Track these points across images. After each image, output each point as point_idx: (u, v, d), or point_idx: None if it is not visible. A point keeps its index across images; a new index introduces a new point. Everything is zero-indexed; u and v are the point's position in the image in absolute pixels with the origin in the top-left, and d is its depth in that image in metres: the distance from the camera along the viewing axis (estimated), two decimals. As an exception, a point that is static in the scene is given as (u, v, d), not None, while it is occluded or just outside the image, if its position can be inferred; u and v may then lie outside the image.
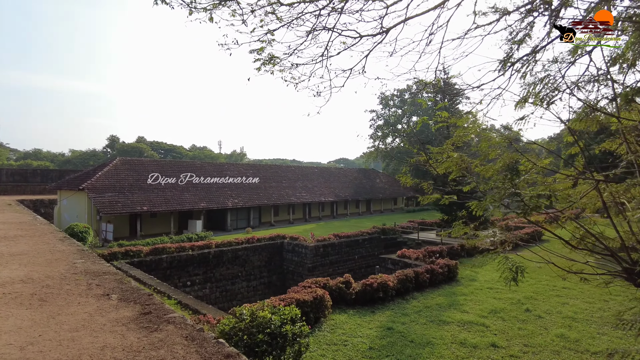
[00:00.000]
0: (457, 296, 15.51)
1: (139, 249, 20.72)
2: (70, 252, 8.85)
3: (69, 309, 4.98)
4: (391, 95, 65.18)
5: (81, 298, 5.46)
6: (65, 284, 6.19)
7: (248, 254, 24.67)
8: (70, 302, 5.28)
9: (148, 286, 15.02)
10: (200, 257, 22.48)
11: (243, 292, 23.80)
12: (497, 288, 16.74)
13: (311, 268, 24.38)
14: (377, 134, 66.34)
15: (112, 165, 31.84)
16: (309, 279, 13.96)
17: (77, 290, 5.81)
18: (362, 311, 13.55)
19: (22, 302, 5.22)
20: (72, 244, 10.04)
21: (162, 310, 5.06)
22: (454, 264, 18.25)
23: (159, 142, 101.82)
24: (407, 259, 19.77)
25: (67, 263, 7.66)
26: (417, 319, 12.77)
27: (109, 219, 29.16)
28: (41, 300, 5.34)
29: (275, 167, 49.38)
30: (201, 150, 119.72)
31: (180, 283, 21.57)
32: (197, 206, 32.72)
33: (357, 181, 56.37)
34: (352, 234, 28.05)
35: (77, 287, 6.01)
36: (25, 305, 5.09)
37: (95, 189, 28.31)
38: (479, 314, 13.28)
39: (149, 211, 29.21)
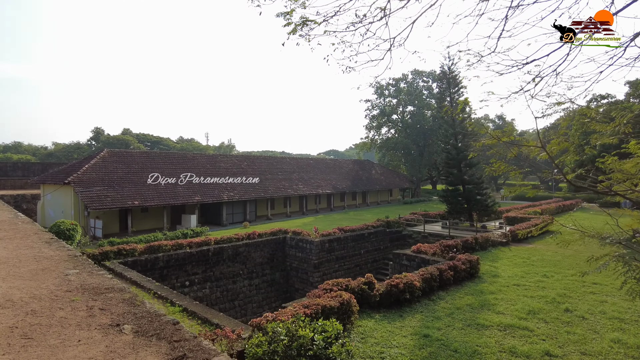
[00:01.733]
0: (485, 295, 14.33)
1: (132, 248, 19.04)
2: (60, 259, 7.26)
3: (66, 354, 3.46)
4: (386, 84, 63.69)
5: (82, 332, 3.95)
6: (58, 307, 4.65)
7: (249, 251, 23.16)
8: (66, 339, 3.76)
9: (147, 290, 13.47)
10: (198, 255, 20.91)
11: (245, 291, 22.32)
12: (524, 285, 15.63)
13: (317, 264, 23.02)
14: (373, 124, 64.91)
15: (100, 157, 29.82)
16: (329, 280, 12.57)
17: (74, 319, 4.29)
18: (388, 315, 12.25)
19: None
20: (61, 248, 8.42)
21: (200, 351, 3.56)
22: (476, 259, 17.06)
23: (145, 134, 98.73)
24: (423, 254, 18.51)
25: (58, 275, 6.10)
26: (452, 323, 11.52)
27: (98, 215, 27.27)
28: (24, 337, 3.81)
29: (270, 158, 47.69)
30: (189, 142, 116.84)
31: (178, 283, 20.00)
32: (191, 200, 30.98)
33: (354, 172, 55.04)
34: (357, 228, 26.73)
35: (75, 313, 4.48)
36: (1, 348, 3.55)
37: (82, 182, 26.34)
38: (516, 316, 12.10)
39: (141, 206, 27.39)
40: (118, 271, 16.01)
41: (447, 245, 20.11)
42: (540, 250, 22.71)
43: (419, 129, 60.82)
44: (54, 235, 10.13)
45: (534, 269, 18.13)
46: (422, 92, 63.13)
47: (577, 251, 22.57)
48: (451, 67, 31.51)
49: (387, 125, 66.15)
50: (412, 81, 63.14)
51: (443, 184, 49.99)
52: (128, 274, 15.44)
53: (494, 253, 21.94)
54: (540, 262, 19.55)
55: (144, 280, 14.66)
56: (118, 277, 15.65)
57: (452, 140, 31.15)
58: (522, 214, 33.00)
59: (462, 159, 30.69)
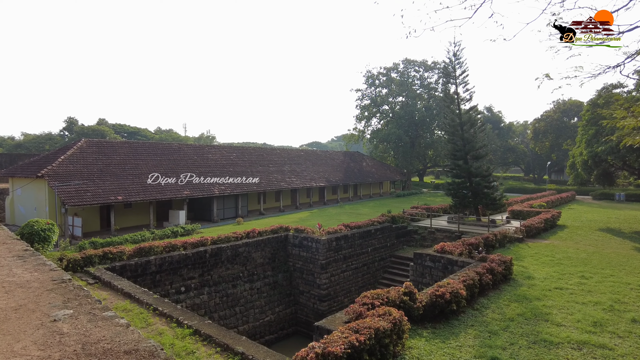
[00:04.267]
0: (531, 302, 12.74)
1: (120, 250, 16.61)
2: (42, 288, 5.06)
3: None
4: (378, 73, 61.80)
5: None
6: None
7: (249, 251, 21.00)
8: None
9: (145, 305, 11.22)
10: (194, 257, 18.62)
11: (246, 295, 20.19)
12: (566, 288, 14.17)
13: (324, 265, 21.07)
14: (364, 114, 63.02)
15: (77, 147, 26.83)
16: (367, 292, 10.63)
17: None
18: (437, 331, 10.46)
19: None
20: (40, 267, 6.16)
21: None
22: (509, 260, 15.49)
23: (122, 125, 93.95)
24: (448, 254, 16.83)
25: (41, 322, 3.95)
26: (515, 340, 9.83)
27: (76, 212, 24.48)
28: None
29: (260, 149, 45.22)
30: (167, 133, 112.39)
31: (173, 289, 17.70)
32: (180, 194, 28.42)
33: (345, 165, 53.16)
34: (363, 224, 24.90)
35: None
36: None
37: (58, 175, 23.44)
38: (582, 328, 10.53)
39: (125, 201, 24.70)
40: (106, 280, 13.64)
41: (470, 243, 18.52)
42: (559, 246, 21.43)
43: (411, 120, 59.33)
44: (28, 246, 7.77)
45: (566, 269, 16.73)
46: (413, 82, 61.57)
47: (599, 247, 21.46)
48: (457, 53, 29.76)
49: (378, 115, 64.44)
50: (403, 70, 61.44)
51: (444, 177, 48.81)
52: (118, 284, 13.10)
53: (514, 250, 20.51)
54: (568, 261, 18.19)
55: (139, 291, 12.37)
56: (107, 287, 13.30)
57: (459, 130, 29.57)
58: (527, 208, 31.87)
59: (469, 150, 29.19)
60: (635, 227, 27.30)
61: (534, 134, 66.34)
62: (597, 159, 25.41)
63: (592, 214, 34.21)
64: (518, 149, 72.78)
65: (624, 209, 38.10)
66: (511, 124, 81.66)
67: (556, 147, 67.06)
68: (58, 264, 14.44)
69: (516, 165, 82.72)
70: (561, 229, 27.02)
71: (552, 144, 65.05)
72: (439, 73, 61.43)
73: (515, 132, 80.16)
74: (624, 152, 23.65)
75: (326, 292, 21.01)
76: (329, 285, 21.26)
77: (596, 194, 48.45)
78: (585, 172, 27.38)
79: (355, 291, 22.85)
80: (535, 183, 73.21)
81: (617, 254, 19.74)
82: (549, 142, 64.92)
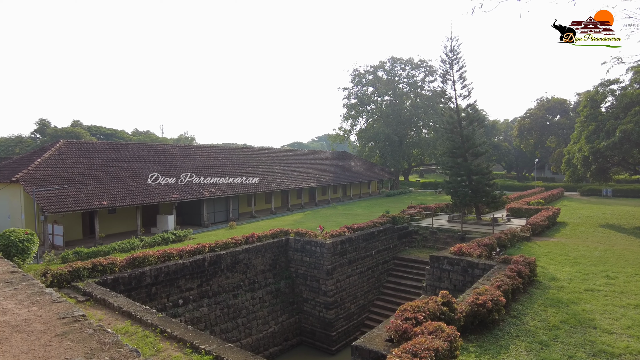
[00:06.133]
0: (568, 306, 11.92)
1: (111, 261, 14.95)
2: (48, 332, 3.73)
3: None
4: (364, 71, 60.96)
5: None
6: None
7: (250, 257, 19.58)
8: None
9: (150, 327, 9.78)
10: (192, 266, 17.09)
11: (248, 306, 18.76)
12: (597, 290, 13.44)
13: (330, 270, 19.85)
14: (350, 113, 62.06)
15: (55, 149, 24.71)
16: (406, 304, 9.49)
17: None
18: (483, 344, 9.45)
19: None
20: (38, 296, 4.77)
21: None
22: (533, 260, 14.70)
23: (97, 127, 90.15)
24: (467, 256, 15.92)
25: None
26: (572, 352, 8.93)
27: (56, 219, 22.47)
28: None
29: (248, 149, 43.60)
30: (145, 134, 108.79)
31: (170, 302, 16.14)
32: (168, 198, 26.65)
33: (334, 165, 52.10)
34: (366, 226, 23.81)
35: None
36: None
37: (35, 180, 21.40)
38: (636, 335, 9.72)
39: (111, 206, 22.83)
40: (99, 296, 12.05)
41: (485, 244, 17.67)
42: (568, 244, 20.89)
43: (398, 119, 58.74)
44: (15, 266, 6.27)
45: (586, 269, 16.08)
46: (400, 80, 61.04)
47: (608, 244, 21.03)
48: (454, 48, 29.05)
49: (365, 114, 63.63)
50: (390, 69, 60.81)
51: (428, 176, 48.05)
52: (114, 301, 11.55)
53: (525, 250, 19.83)
54: (585, 259, 17.58)
55: (140, 310, 10.87)
56: (101, 305, 11.73)
57: (457, 127, 28.90)
58: (525, 206, 31.51)
59: (468, 147, 28.56)
60: (634, 223, 27.22)
61: (519, 132, 66.87)
62: (599, 155, 25.14)
63: (586, 210, 34.21)
64: (502, 147, 73.35)
65: (614, 205, 38.42)
66: (495, 121, 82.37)
67: (539, 145, 67.81)
68: (42, 280, 12.74)
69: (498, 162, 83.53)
70: (563, 226, 26.65)
71: (536, 141, 65.72)
72: (425, 71, 61.13)
73: (499, 130, 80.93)
74: (627, 148, 23.45)
75: (332, 299, 19.82)
76: (336, 291, 20.07)
77: (583, 190, 48.95)
78: (585, 168, 27.12)
79: (361, 297, 21.74)
80: (519, 180, 73.95)
81: (630, 251, 19.30)
82: (533, 139, 65.57)
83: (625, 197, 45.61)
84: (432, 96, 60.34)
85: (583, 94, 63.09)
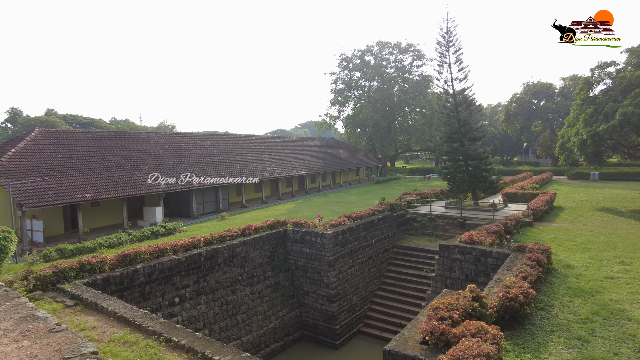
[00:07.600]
0: (593, 296, 11.41)
1: (100, 260, 13.71)
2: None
3: None
4: (352, 56, 59.67)
5: None
6: None
7: (247, 250, 18.55)
8: None
9: (153, 334, 8.71)
10: (189, 262, 15.98)
11: (247, 301, 17.80)
12: (616, 277, 13.03)
13: (332, 262, 19.02)
14: (338, 99, 60.88)
15: (31, 139, 22.89)
16: (436, 302, 8.69)
17: None
18: (519, 341, 8.80)
19: None
20: (31, 322, 4.24)
21: None
22: (548, 248, 14.17)
23: (73, 115, 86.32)
24: (479, 245, 15.30)
25: None
26: (616, 349, 8.36)
27: (34, 214, 20.87)
28: None
29: (236, 137, 42.07)
30: (124, 123, 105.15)
31: (166, 301, 15.04)
32: (155, 189, 25.23)
33: (323, 152, 51.09)
34: (365, 214, 23.01)
35: None
36: None
37: (10, 172, 19.71)
38: (673, 327, 9.19)
39: (95, 199, 21.33)
40: (89, 300, 10.86)
41: (493, 231, 17.12)
42: (571, 229, 20.60)
43: (386, 104, 57.93)
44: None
45: (598, 254, 15.71)
46: (388, 65, 60.04)
47: (611, 229, 20.81)
48: (450, 30, 28.16)
49: (352, 100, 62.57)
50: (377, 53, 59.67)
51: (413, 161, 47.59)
52: (107, 305, 10.40)
53: (531, 235, 19.41)
54: (594, 245, 17.23)
55: (139, 315, 9.77)
56: (92, 309, 10.57)
57: (454, 112, 28.22)
58: (520, 190, 31.28)
59: (465, 132, 27.97)
60: (629, 206, 27.28)
61: (506, 116, 67.08)
62: (597, 138, 24.90)
63: (578, 194, 34.31)
64: (488, 132, 73.67)
65: (604, 188, 38.77)
66: (480, 106, 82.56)
67: (525, 129, 68.23)
68: (24, 285, 11.45)
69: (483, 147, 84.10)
70: (560, 210, 26.47)
71: (522, 125, 66.08)
72: (413, 55, 60.25)
73: (485, 115, 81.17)
74: (627, 130, 23.25)
75: (335, 291, 19.04)
76: (338, 283, 19.29)
77: (571, 174, 49.43)
78: (581, 151, 26.94)
79: (363, 287, 21.07)
80: (504, 165, 74.58)
81: (635, 235, 19.09)
82: (519, 124, 65.89)
83: (611, 180, 46.24)
84: (420, 81, 59.65)
85: (568, 78, 63.73)
